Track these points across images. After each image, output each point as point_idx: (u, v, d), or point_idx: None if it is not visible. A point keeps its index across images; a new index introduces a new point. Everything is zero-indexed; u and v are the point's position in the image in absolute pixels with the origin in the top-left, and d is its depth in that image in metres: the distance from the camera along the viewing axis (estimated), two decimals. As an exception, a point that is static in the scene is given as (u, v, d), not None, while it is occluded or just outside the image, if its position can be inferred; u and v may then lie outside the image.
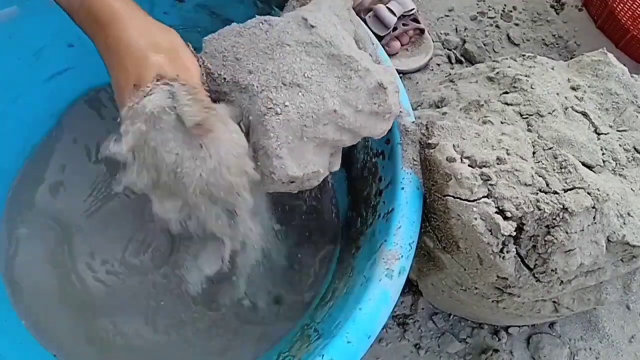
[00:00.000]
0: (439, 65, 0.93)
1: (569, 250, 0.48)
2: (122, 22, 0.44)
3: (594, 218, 0.48)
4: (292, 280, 0.65)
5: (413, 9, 0.89)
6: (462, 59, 0.94)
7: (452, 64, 0.94)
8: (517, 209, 0.47)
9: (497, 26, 0.98)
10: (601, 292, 0.56)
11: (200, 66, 0.46)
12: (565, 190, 0.48)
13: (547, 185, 0.48)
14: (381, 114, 0.49)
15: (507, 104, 0.57)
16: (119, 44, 0.43)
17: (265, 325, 0.63)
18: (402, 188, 0.52)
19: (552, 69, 0.61)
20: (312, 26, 0.48)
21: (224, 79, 0.47)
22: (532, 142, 0.52)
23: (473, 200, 0.48)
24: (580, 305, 0.57)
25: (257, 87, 0.46)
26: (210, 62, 0.47)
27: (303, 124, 0.46)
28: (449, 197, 0.49)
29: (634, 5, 0.90)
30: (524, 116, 0.55)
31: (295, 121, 0.45)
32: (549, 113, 0.55)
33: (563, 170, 0.49)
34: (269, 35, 0.47)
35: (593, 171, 0.52)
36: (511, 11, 1.00)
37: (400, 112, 0.56)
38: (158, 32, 0.45)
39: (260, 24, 0.48)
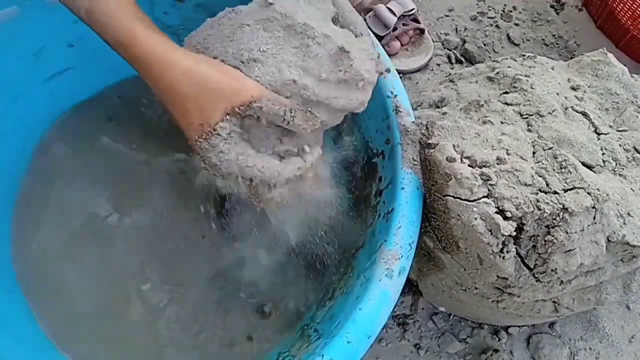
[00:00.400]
0: (439, 65, 0.93)
1: (569, 250, 0.48)
2: (164, 63, 0.44)
3: (594, 218, 0.48)
4: (291, 279, 0.65)
5: (413, 9, 0.89)
6: (462, 59, 0.94)
7: (452, 64, 0.94)
8: (517, 209, 0.47)
9: (497, 26, 0.98)
10: (601, 292, 0.56)
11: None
12: (565, 190, 0.48)
13: (547, 185, 0.48)
14: (350, 81, 0.47)
15: (507, 104, 0.56)
16: (170, 88, 0.44)
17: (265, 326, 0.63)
18: (402, 188, 0.52)
19: (552, 69, 0.61)
20: (271, 3, 0.47)
21: None
22: (532, 142, 0.52)
23: (473, 200, 0.48)
24: (580, 305, 0.57)
25: None
26: None
27: None
28: (449, 197, 0.49)
29: (634, 5, 0.90)
30: (524, 116, 0.55)
31: None
32: (549, 113, 0.55)
33: (563, 170, 0.49)
34: (233, 22, 0.47)
35: (593, 171, 0.52)
36: (511, 11, 1.00)
37: (400, 112, 0.56)
38: (196, 57, 0.45)
39: (228, 14, 0.48)
